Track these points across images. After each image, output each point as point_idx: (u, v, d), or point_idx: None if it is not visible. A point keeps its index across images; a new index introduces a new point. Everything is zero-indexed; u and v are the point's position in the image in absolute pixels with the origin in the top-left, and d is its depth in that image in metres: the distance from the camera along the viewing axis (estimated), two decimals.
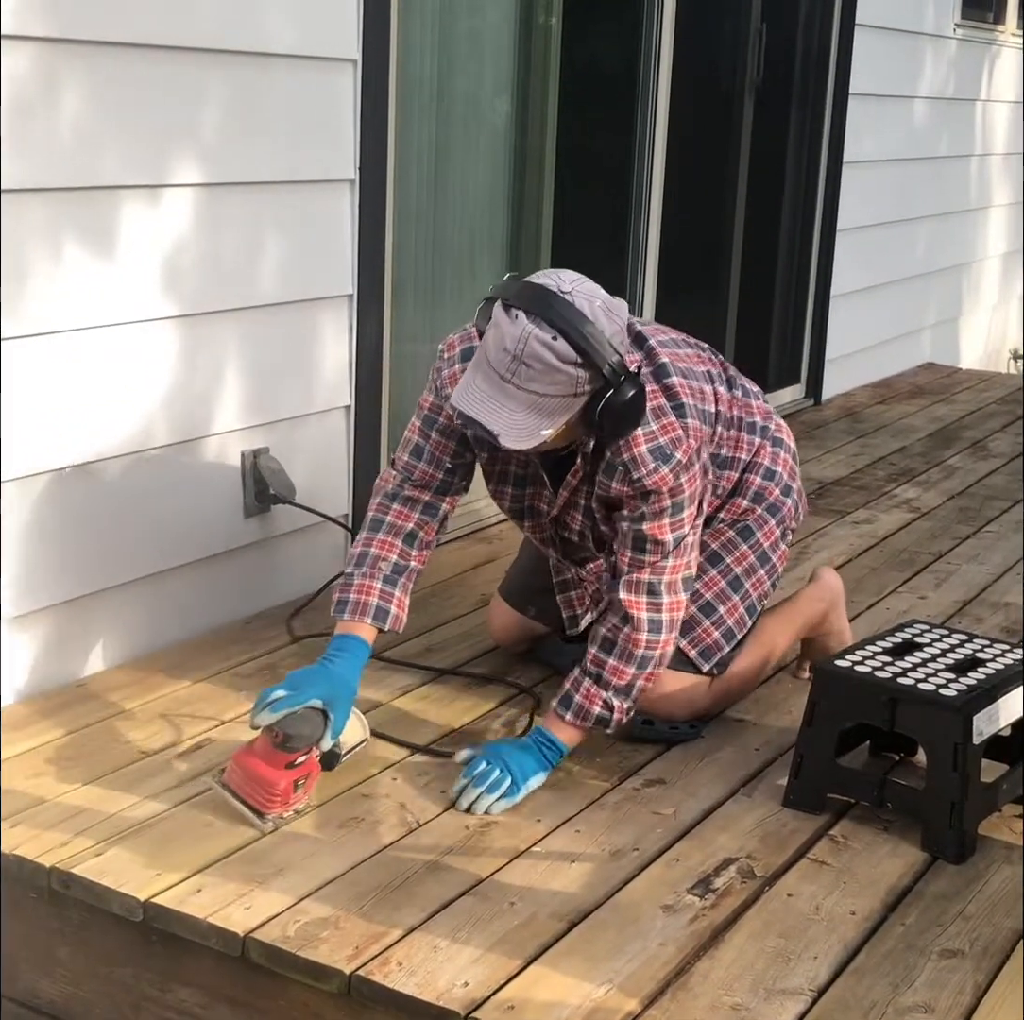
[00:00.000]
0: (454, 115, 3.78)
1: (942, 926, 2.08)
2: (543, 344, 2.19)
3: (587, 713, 2.45)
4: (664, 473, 2.39)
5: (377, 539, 2.55)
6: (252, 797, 2.27)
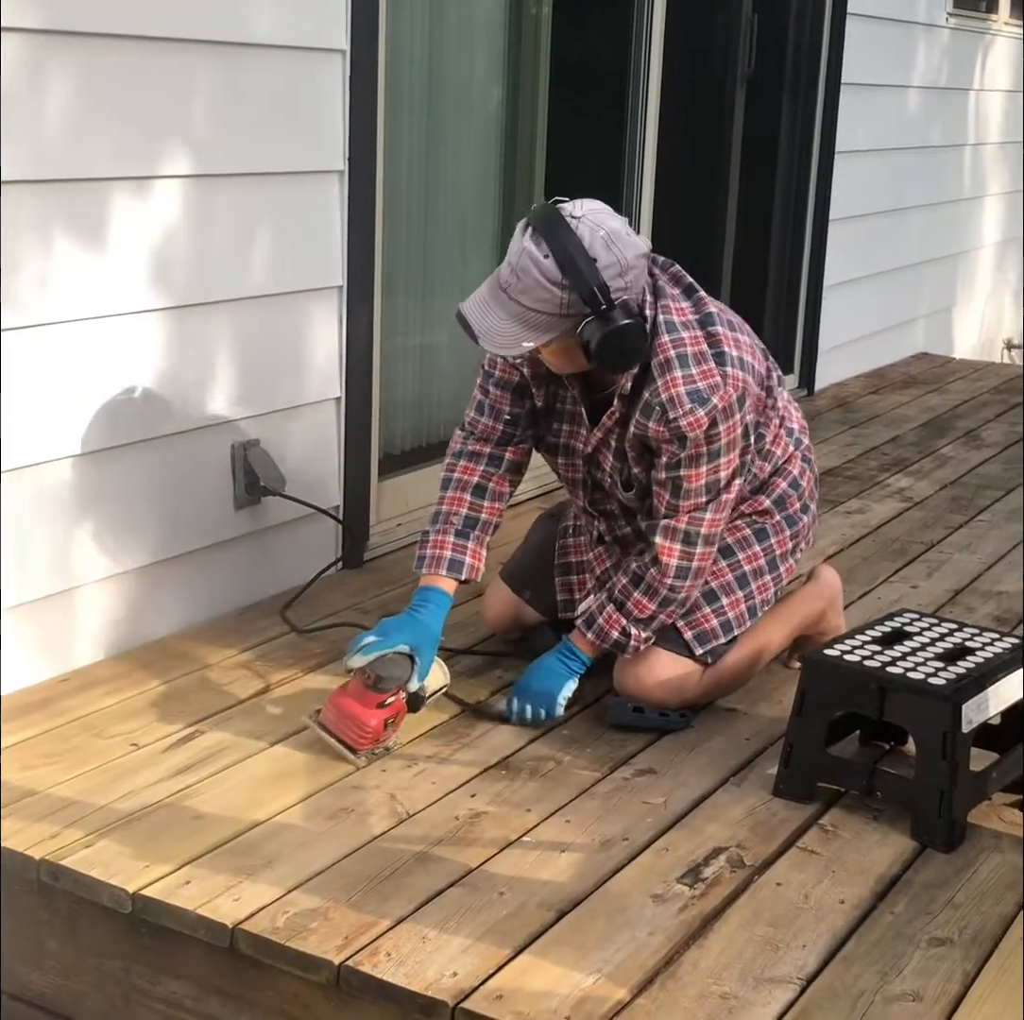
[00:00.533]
0: (444, 105, 3.77)
1: (931, 914, 2.08)
2: (533, 260, 2.34)
3: (606, 636, 2.62)
4: (699, 415, 2.46)
5: (447, 496, 2.71)
6: (346, 734, 2.43)
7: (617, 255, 2.37)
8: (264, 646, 2.95)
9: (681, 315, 2.52)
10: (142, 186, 2.77)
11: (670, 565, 2.57)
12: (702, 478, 2.53)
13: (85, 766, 2.42)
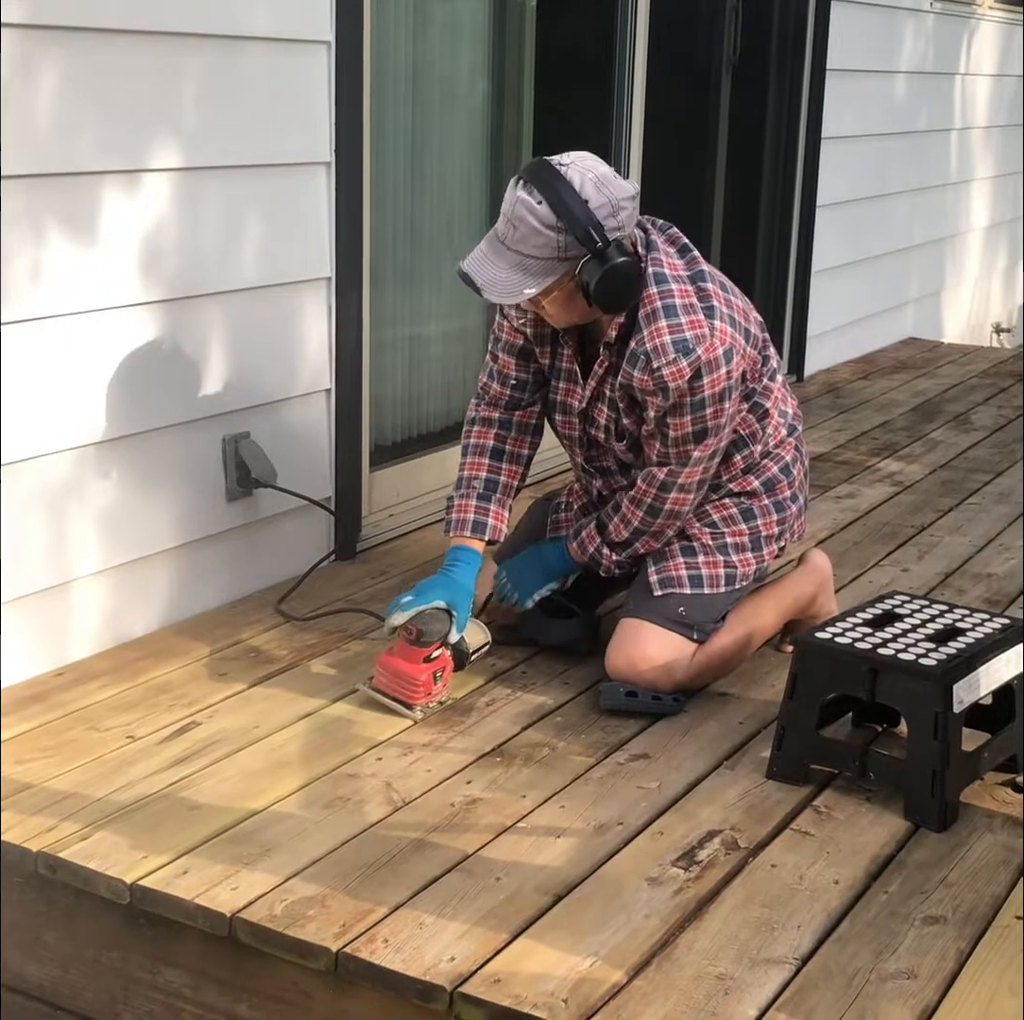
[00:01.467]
0: (430, 96, 3.77)
1: (925, 893, 2.09)
2: (527, 208, 2.43)
3: (585, 549, 2.77)
4: (682, 366, 2.51)
5: (467, 462, 2.80)
6: (399, 692, 2.57)
7: (608, 196, 2.45)
8: (258, 638, 2.96)
9: (672, 269, 2.58)
10: (130, 180, 2.77)
11: (643, 503, 2.67)
12: (687, 427, 2.57)
13: (81, 759, 2.43)
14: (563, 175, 2.44)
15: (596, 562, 2.77)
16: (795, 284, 5.55)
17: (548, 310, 2.57)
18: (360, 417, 3.46)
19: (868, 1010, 1.83)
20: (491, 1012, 1.83)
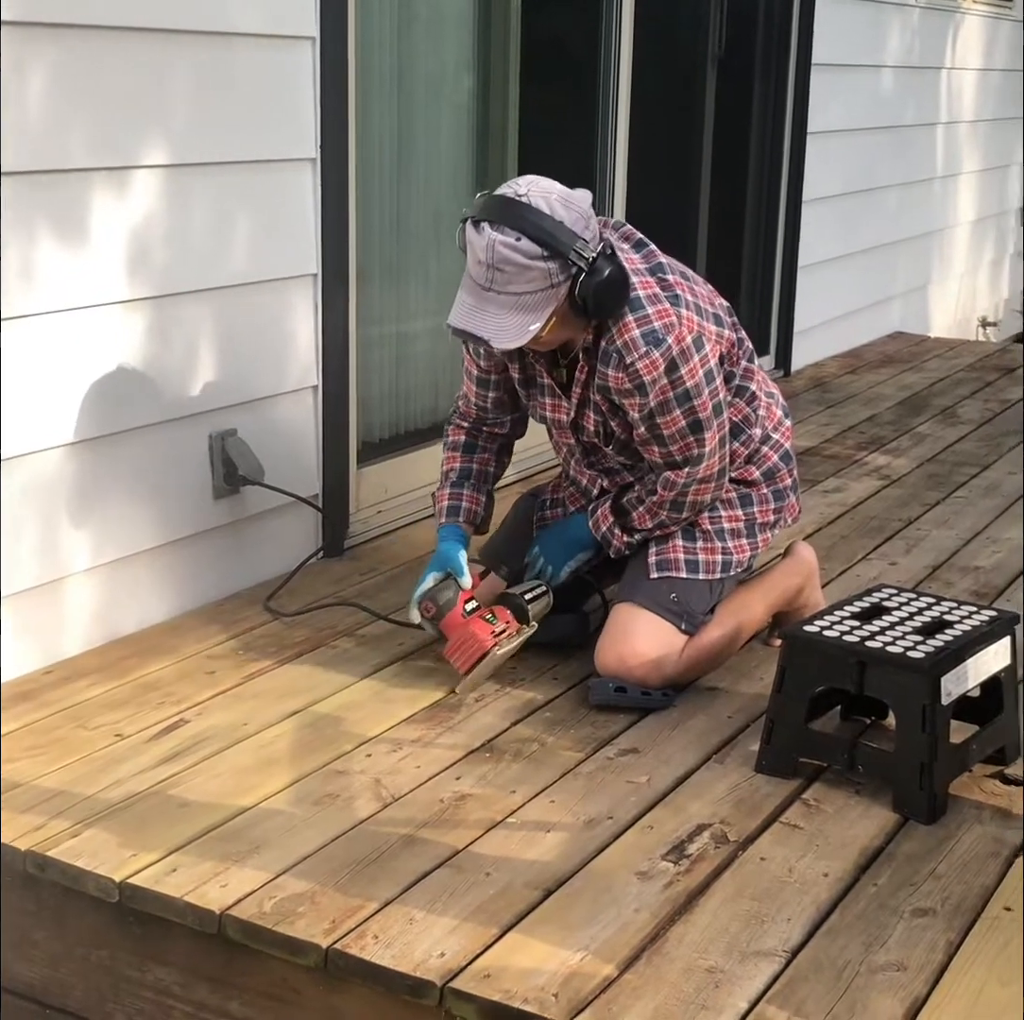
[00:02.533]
0: (416, 92, 3.77)
1: (914, 885, 2.10)
2: (508, 247, 2.39)
3: (598, 527, 2.78)
4: (655, 357, 2.51)
5: (443, 458, 2.89)
6: (474, 653, 2.61)
7: (576, 210, 2.45)
8: (247, 635, 2.96)
9: (631, 264, 2.56)
10: (117, 176, 2.77)
11: (665, 504, 2.68)
12: (680, 422, 2.57)
13: (70, 757, 2.43)
14: (528, 204, 2.41)
15: (607, 541, 2.77)
16: (781, 279, 5.55)
17: (545, 339, 2.53)
18: (347, 414, 3.46)
19: (858, 1002, 1.83)
20: (481, 1007, 1.83)
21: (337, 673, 2.78)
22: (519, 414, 2.87)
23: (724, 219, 5.31)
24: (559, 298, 2.45)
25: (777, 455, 2.81)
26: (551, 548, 2.83)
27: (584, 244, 2.43)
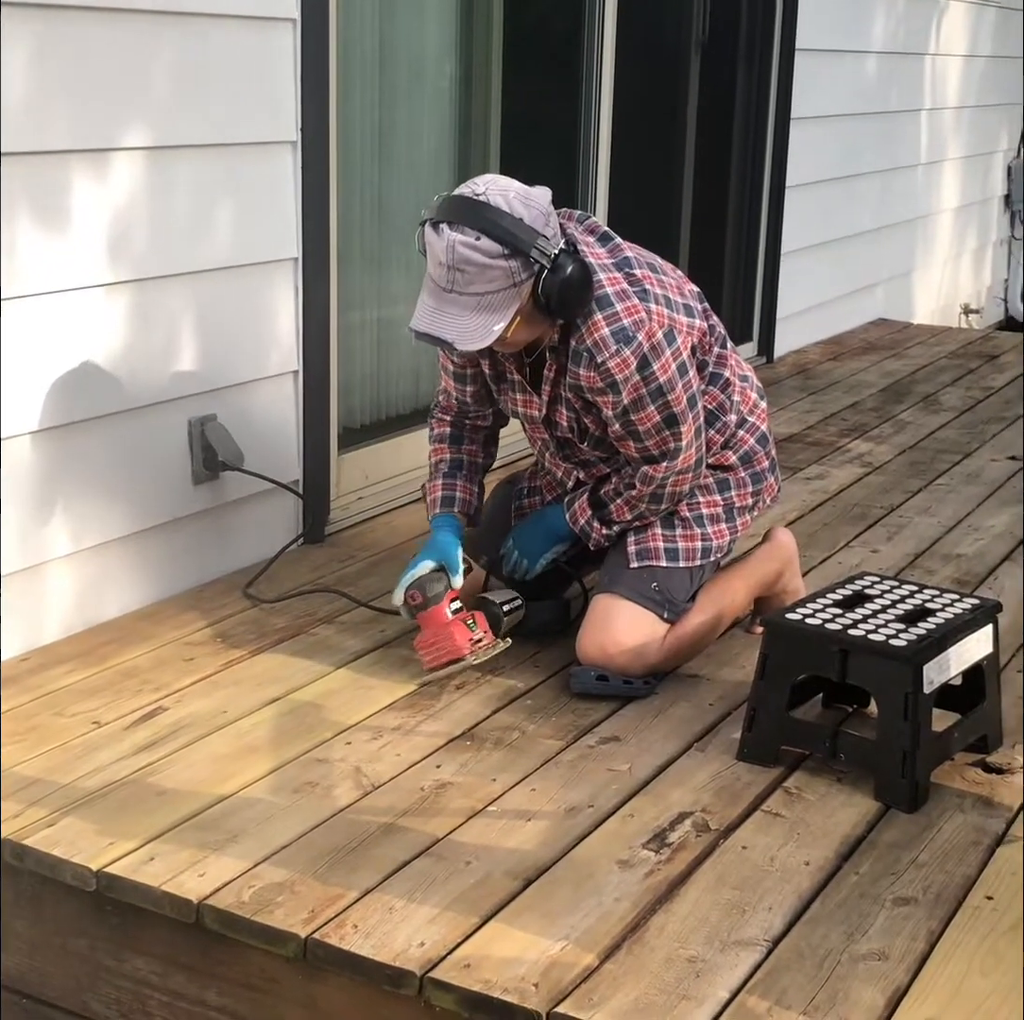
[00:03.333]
0: (397, 76, 3.74)
1: (895, 874, 2.09)
2: (468, 247, 2.35)
3: (576, 521, 2.75)
4: (626, 355, 2.49)
5: (431, 450, 2.87)
6: (447, 656, 2.61)
7: (535, 206, 2.41)
8: (225, 622, 2.94)
9: (597, 258, 2.52)
10: (97, 159, 2.74)
11: (644, 497, 2.67)
12: (655, 417, 2.55)
13: (47, 745, 2.41)
14: (487, 203, 2.37)
15: (586, 534, 2.75)
16: (764, 265, 5.54)
17: (511, 339, 2.50)
18: (328, 399, 3.44)
19: (839, 991, 1.82)
20: (461, 997, 1.82)
21: (317, 660, 2.76)
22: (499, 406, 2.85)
23: (707, 205, 5.29)
24: (522, 297, 2.41)
25: (753, 438, 2.80)
26: (527, 540, 2.82)
27: (545, 241, 2.39)
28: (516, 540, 2.83)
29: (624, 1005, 1.79)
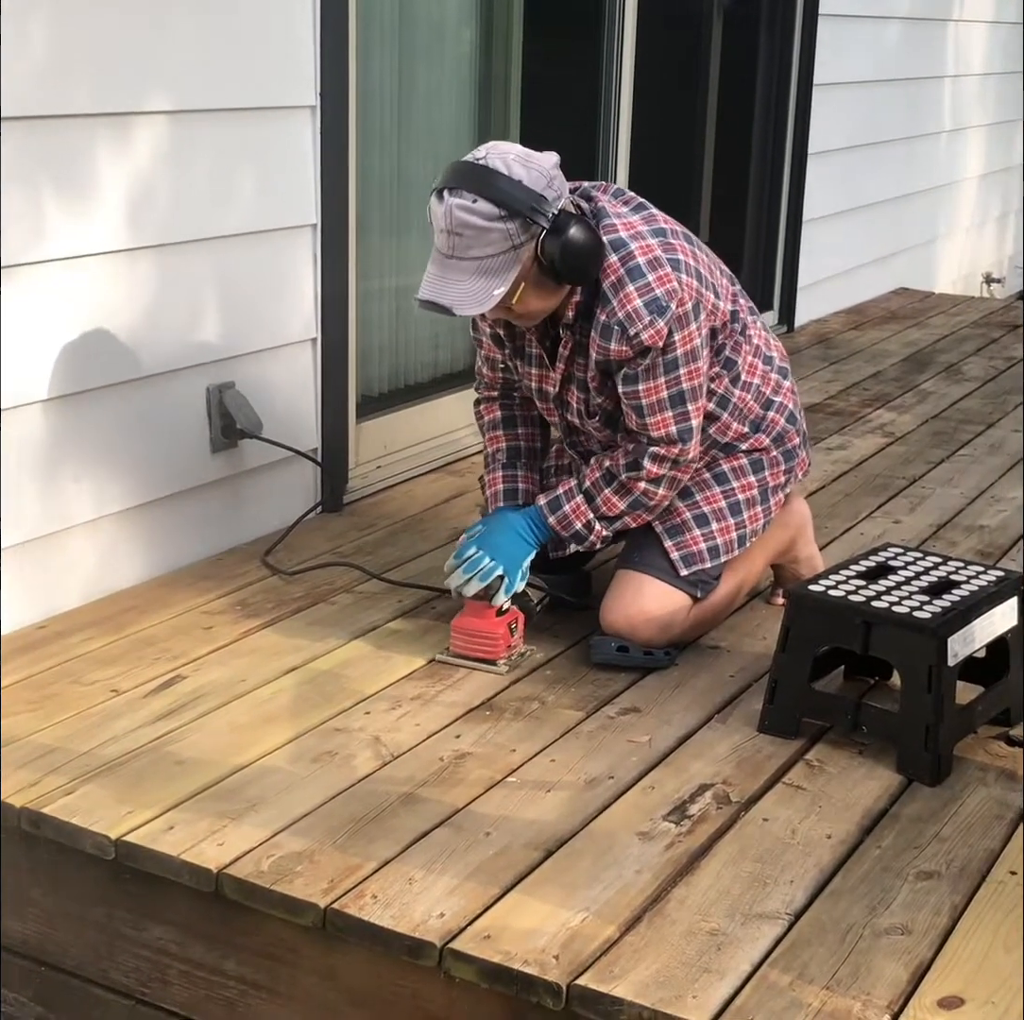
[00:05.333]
0: (417, 41, 3.71)
1: (918, 848, 2.08)
2: (465, 210, 2.31)
3: (569, 524, 2.63)
4: (660, 326, 2.44)
5: (486, 439, 2.81)
6: (480, 651, 2.59)
7: (537, 168, 2.36)
8: (244, 590, 2.93)
9: (629, 228, 2.48)
10: (117, 123, 2.72)
11: (651, 476, 2.57)
12: (662, 390, 2.50)
13: (65, 713, 2.40)
14: (486, 166, 2.34)
15: (580, 538, 2.64)
16: (786, 234, 5.50)
17: (521, 308, 2.45)
18: (347, 367, 3.42)
19: (862, 965, 1.81)
20: (481, 968, 1.81)
21: (335, 629, 2.75)
22: None
23: (728, 173, 5.25)
24: (523, 260, 2.36)
25: (783, 418, 2.75)
26: (504, 551, 2.60)
27: (544, 202, 2.33)
28: (484, 547, 2.61)
29: (645, 977, 1.78)
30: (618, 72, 4.38)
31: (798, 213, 5.48)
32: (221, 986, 2.05)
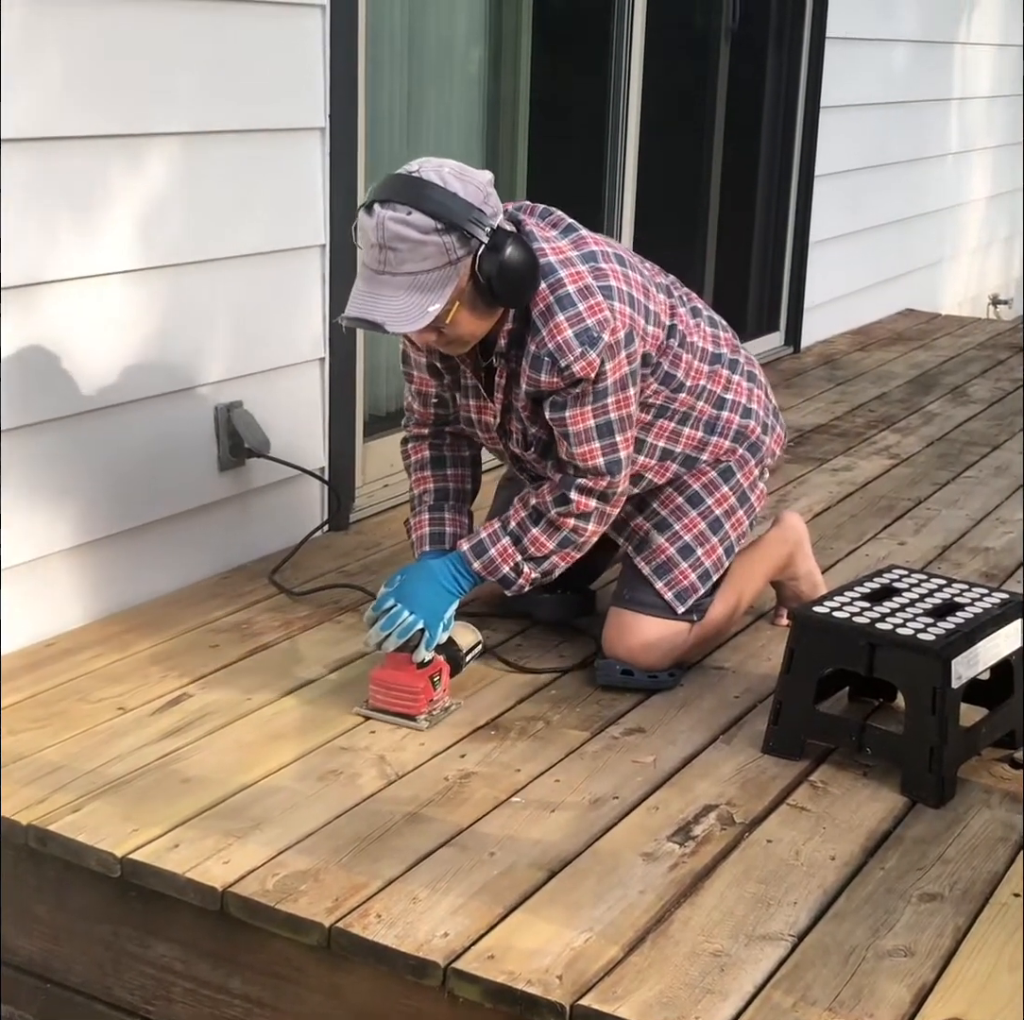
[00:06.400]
0: (426, 62, 3.73)
1: (922, 870, 2.08)
2: (399, 222, 2.21)
3: (496, 569, 2.52)
4: (592, 358, 2.34)
5: (412, 481, 2.70)
6: (399, 705, 2.45)
7: (473, 182, 2.27)
8: (251, 609, 2.94)
9: (558, 254, 2.38)
10: (128, 144, 2.74)
11: (580, 512, 2.48)
12: (588, 419, 2.40)
13: (72, 730, 2.41)
14: (420, 178, 2.24)
15: (508, 582, 2.52)
16: (792, 254, 5.52)
17: (452, 331, 2.33)
18: (354, 387, 3.43)
19: (865, 987, 1.81)
20: (485, 988, 1.81)
21: (341, 648, 2.76)
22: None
23: (735, 193, 5.27)
24: (460, 275, 2.25)
25: (738, 415, 2.67)
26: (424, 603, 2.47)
27: (482, 214, 2.24)
28: (402, 599, 2.47)
29: (648, 998, 1.78)
30: (625, 93, 4.40)
31: (805, 234, 5.50)
32: (226, 1004, 2.05)
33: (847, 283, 5.94)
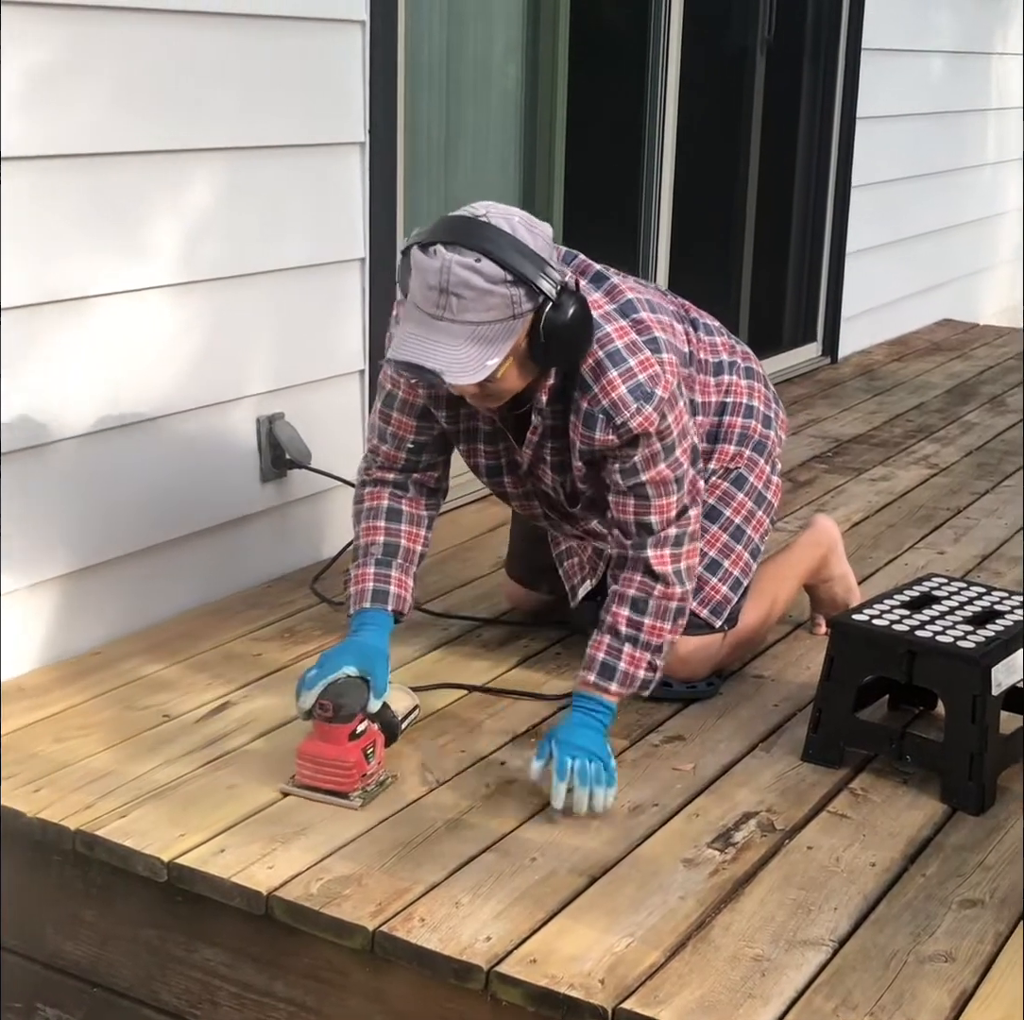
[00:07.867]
0: (464, 78, 3.76)
1: (962, 876, 2.08)
2: (467, 268, 2.08)
3: (633, 679, 2.36)
4: (648, 412, 2.27)
5: (361, 529, 2.52)
6: (329, 782, 2.24)
7: (541, 235, 2.17)
8: (293, 618, 2.97)
9: (597, 308, 2.28)
10: (170, 160, 2.77)
11: (669, 573, 2.37)
12: (665, 475, 2.34)
13: (118, 737, 2.44)
14: (489, 223, 2.11)
15: (646, 685, 2.39)
16: (829, 265, 5.52)
17: (496, 387, 2.21)
18: None
19: (906, 992, 1.82)
20: (528, 992, 1.83)
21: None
22: (447, 457, 2.55)
23: (772, 204, 5.27)
24: (520, 332, 2.14)
25: (740, 416, 2.66)
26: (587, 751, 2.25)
27: (551, 270, 2.13)
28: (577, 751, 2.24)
29: (690, 1003, 1.79)
30: (662, 107, 4.42)
31: (842, 244, 5.50)
32: (270, 1008, 2.07)
33: (884, 293, 5.93)
